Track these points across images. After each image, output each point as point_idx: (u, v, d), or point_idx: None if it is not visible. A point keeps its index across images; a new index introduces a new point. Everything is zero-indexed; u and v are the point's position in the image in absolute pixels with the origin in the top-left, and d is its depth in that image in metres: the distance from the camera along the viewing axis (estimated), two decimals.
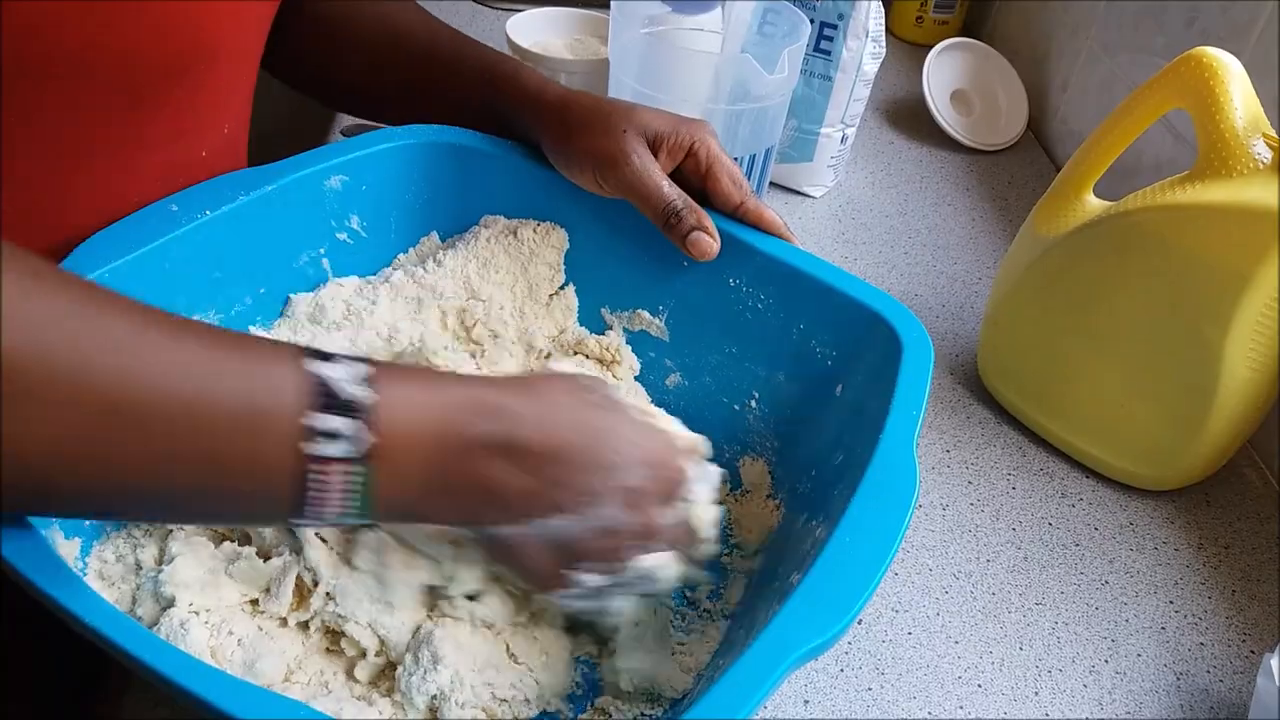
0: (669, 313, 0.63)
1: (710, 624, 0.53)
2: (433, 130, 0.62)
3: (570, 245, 0.64)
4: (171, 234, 0.52)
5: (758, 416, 0.61)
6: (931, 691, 0.55)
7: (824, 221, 0.93)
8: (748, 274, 0.59)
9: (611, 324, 0.65)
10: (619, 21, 0.77)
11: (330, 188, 0.59)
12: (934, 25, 1.25)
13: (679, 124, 0.58)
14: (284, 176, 0.57)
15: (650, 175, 0.57)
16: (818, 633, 0.38)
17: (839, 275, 0.56)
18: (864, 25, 0.86)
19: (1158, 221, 0.60)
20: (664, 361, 0.64)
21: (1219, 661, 0.58)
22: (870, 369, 0.53)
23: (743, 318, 0.60)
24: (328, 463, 0.37)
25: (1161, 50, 0.88)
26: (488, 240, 0.62)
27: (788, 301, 0.58)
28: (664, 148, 0.58)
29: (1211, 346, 0.61)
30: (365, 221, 0.62)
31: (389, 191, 0.62)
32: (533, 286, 0.63)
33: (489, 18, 1.18)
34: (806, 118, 0.91)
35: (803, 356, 0.58)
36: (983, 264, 0.89)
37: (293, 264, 0.60)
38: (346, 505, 0.38)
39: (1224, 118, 0.58)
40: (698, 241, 0.57)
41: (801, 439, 0.58)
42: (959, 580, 0.61)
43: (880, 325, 0.53)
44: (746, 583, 0.55)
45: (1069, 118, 1.05)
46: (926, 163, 1.04)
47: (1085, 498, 0.68)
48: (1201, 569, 0.64)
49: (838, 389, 0.56)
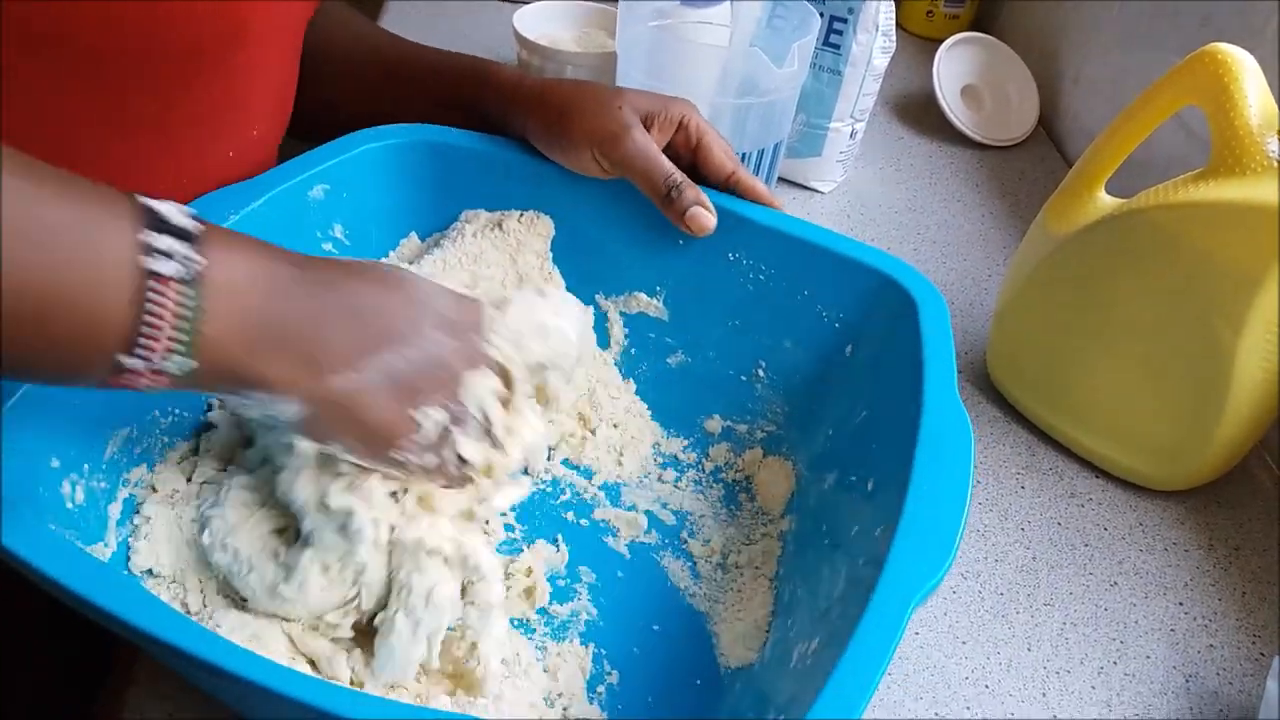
0: (667, 292, 0.63)
1: (750, 584, 0.56)
2: (410, 129, 0.62)
3: (557, 233, 0.64)
4: None
5: (766, 385, 0.62)
6: (938, 692, 0.55)
7: (832, 217, 0.93)
8: (746, 247, 0.59)
9: (607, 309, 0.65)
10: (627, 14, 0.77)
11: (313, 198, 0.58)
12: (945, 19, 1.24)
13: (666, 101, 0.59)
14: (271, 189, 0.56)
15: (651, 151, 0.57)
16: (930, 573, 0.40)
17: (838, 240, 0.58)
18: (874, 19, 0.85)
19: (1170, 219, 0.60)
20: (665, 340, 0.64)
21: (1229, 664, 0.58)
22: (882, 327, 0.55)
23: (744, 290, 0.60)
24: (164, 281, 0.36)
25: (1174, 46, 0.87)
26: (474, 235, 0.62)
27: (789, 270, 0.59)
28: (655, 124, 0.59)
29: (1223, 346, 0.60)
30: (348, 229, 0.61)
31: (370, 196, 0.61)
32: (523, 277, 0.63)
33: (495, 10, 1.18)
34: (815, 112, 0.91)
35: (809, 321, 0.59)
36: (992, 261, 0.89)
37: None
38: (175, 337, 0.36)
39: (1238, 115, 0.57)
40: (696, 216, 0.57)
41: (814, 401, 0.60)
42: (967, 580, 0.61)
43: (888, 284, 0.55)
44: (782, 545, 0.57)
45: (1080, 114, 1.04)
46: (936, 158, 1.03)
47: (1095, 498, 0.68)
48: (1212, 570, 0.63)
49: (847, 349, 0.58)
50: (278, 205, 0.56)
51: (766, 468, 0.62)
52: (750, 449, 0.64)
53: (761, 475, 0.62)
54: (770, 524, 0.60)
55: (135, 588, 0.44)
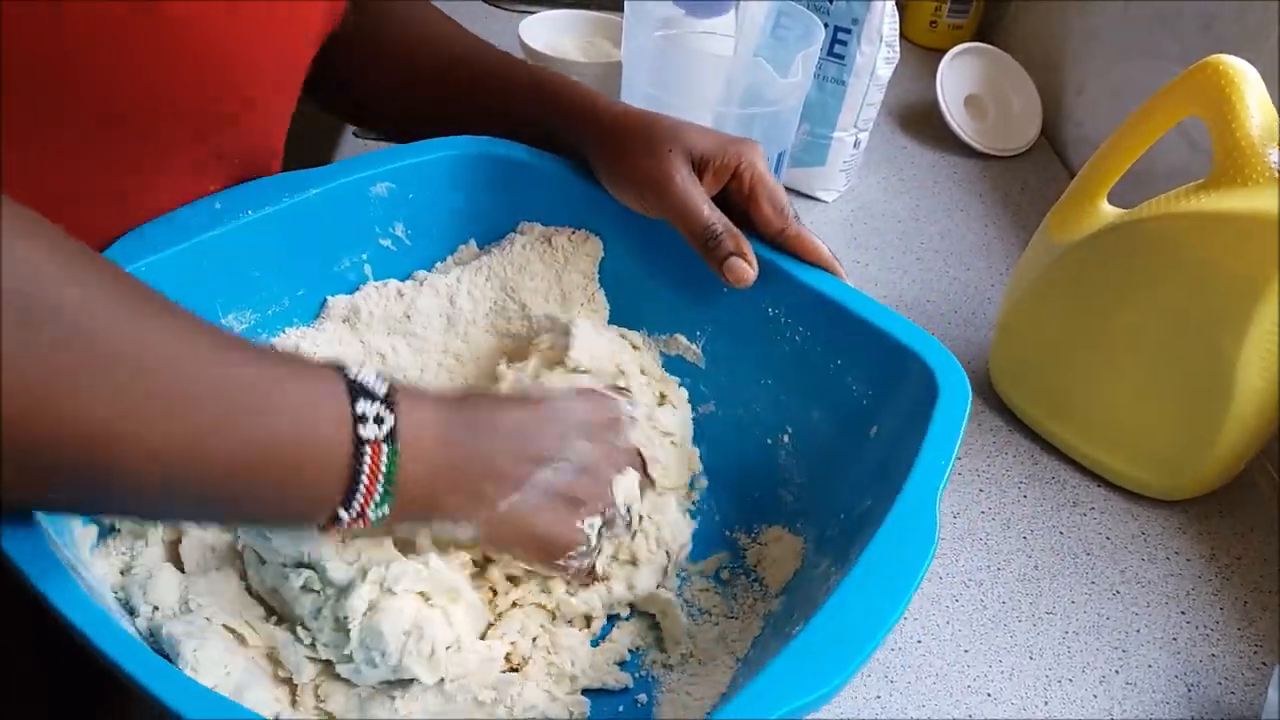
0: (706, 339, 0.61)
1: (717, 666, 0.51)
2: (480, 142, 0.62)
3: (606, 257, 0.63)
4: (213, 231, 0.53)
5: (789, 453, 0.59)
6: (940, 700, 0.55)
7: (836, 226, 0.93)
8: (787, 304, 0.57)
9: (650, 347, 0.63)
10: (632, 24, 0.77)
11: (376, 194, 0.60)
12: (948, 30, 1.25)
13: (727, 144, 0.57)
14: (330, 181, 0.57)
15: (691, 198, 0.56)
16: (805, 691, 0.36)
17: (880, 311, 0.54)
18: (878, 29, 0.86)
19: (1172, 229, 0.60)
20: (699, 388, 0.62)
21: (1230, 673, 0.58)
22: (905, 412, 0.50)
23: (780, 349, 0.58)
24: (372, 444, 0.40)
25: (1176, 56, 0.88)
26: (523, 246, 0.62)
27: (826, 335, 0.56)
28: (709, 169, 0.57)
29: (1225, 356, 0.60)
30: (410, 229, 0.62)
31: (434, 200, 0.62)
32: (566, 294, 0.62)
33: (502, 20, 1.19)
34: (819, 122, 0.91)
35: (838, 394, 0.55)
36: (995, 270, 0.89)
37: (334, 268, 0.60)
38: (379, 490, 0.41)
39: (1240, 126, 0.57)
40: (734, 267, 0.55)
41: (832, 481, 0.55)
42: (969, 588, 0.61)
43: (917, 366, 0.50)
44: (763, 625, 0.53)
45: (1083, 123, 1.04)
46: (939, 168, 1.04)
47: (1097, 507, 0.68)
48: (1213, 580, 0.63)
49: (872, 430, 0.53)
50: (336, 197, 0.58)
51: (776, 542, 0.57)
52: (764, 521, 0.59)
53: (770, 549, 0.57)
54: (761, 601, 0.55)
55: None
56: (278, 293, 0.57)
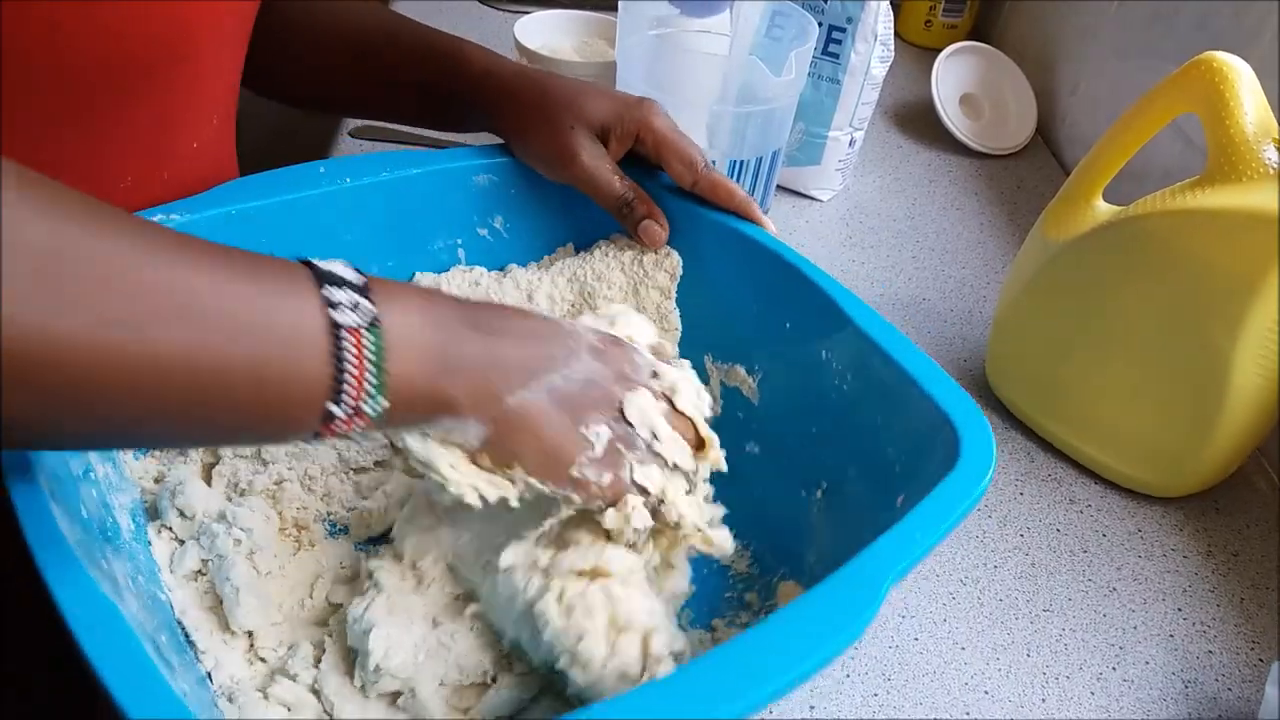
0: (762, 375, 0.61)
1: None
2: None
3: (685, 276, 0.63)
4: (311, 191, 0.55)
5: (820, 510, 0.56)
6: (938, 698, 0.55)
7: (831, 225, 0.93)
8: (839, 348, 0.54)
9: (711, 373, 0.63)
10: (627, 23, 0.77)
11: (478, 184, 0.62)
12: (943, 28, 1.25)
13: (624, 109, 0.60)
14: (433, 164, 0.60)
15: (600, 171, 0.59)
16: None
17: (929, 371, 0.50)
18: (872, 28, 0.86)
19: (1167, 227, 0.60)
20: (750, 425, 0.61)
21: (1227, 669, 0.58)
22: (928, 480, 0.45)
23: (828, 397, 0.55)
24: (349, 330, 0.38)
25: (1172, 54, 0.88)
26: (603, 255, 0.63)
27: (871, 387, 0.52)
28: (612, 137, 0.59)
29: (1221, 353, 0.60)
30: (508, 223, 0.64)
31: (535, 199, 0.63)
32: (641, 308, 0.62)
33: (496, 20, 1.19)
34: (814, 121, 0.91)
35: (875, 456, 0.52)
36: (991, 269, 0.89)
37: (428, 246, 0.62)
38: (368, 379, 0.39)
39: (1234, 123, 0.57)
40: (648, 229, 0.60)
41: (856, 550, 0.49)
42: (966, 586, 0.61)
43: (952, 436, 0.46)
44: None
45: (1078, 122, 1.04)
46: (935, 166, 1.04)
47: (1093, 504, 0.68)
48: (1210, 576, 0.63)
49: (899, 500, 0.48)
50: (438, 179, 0.60)
51: (786, 599, 0.55)
52: (780, 576, 0.56)
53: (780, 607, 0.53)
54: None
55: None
56: (366, 258, 0.58)
